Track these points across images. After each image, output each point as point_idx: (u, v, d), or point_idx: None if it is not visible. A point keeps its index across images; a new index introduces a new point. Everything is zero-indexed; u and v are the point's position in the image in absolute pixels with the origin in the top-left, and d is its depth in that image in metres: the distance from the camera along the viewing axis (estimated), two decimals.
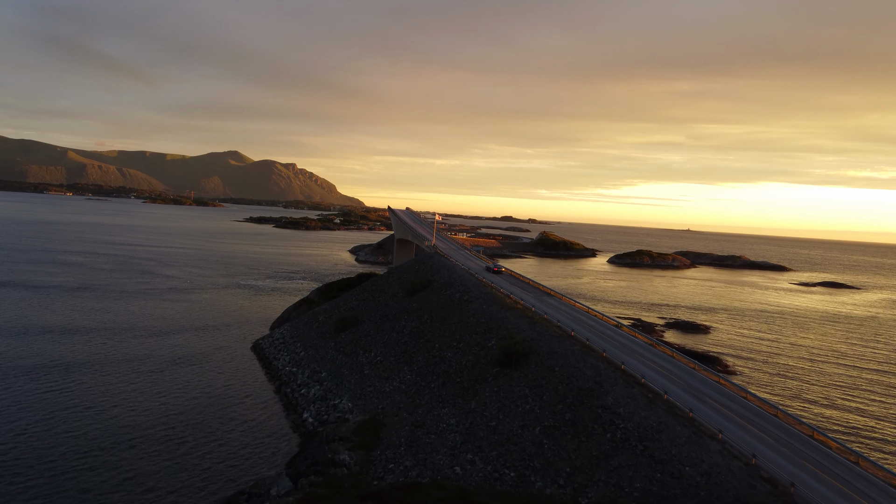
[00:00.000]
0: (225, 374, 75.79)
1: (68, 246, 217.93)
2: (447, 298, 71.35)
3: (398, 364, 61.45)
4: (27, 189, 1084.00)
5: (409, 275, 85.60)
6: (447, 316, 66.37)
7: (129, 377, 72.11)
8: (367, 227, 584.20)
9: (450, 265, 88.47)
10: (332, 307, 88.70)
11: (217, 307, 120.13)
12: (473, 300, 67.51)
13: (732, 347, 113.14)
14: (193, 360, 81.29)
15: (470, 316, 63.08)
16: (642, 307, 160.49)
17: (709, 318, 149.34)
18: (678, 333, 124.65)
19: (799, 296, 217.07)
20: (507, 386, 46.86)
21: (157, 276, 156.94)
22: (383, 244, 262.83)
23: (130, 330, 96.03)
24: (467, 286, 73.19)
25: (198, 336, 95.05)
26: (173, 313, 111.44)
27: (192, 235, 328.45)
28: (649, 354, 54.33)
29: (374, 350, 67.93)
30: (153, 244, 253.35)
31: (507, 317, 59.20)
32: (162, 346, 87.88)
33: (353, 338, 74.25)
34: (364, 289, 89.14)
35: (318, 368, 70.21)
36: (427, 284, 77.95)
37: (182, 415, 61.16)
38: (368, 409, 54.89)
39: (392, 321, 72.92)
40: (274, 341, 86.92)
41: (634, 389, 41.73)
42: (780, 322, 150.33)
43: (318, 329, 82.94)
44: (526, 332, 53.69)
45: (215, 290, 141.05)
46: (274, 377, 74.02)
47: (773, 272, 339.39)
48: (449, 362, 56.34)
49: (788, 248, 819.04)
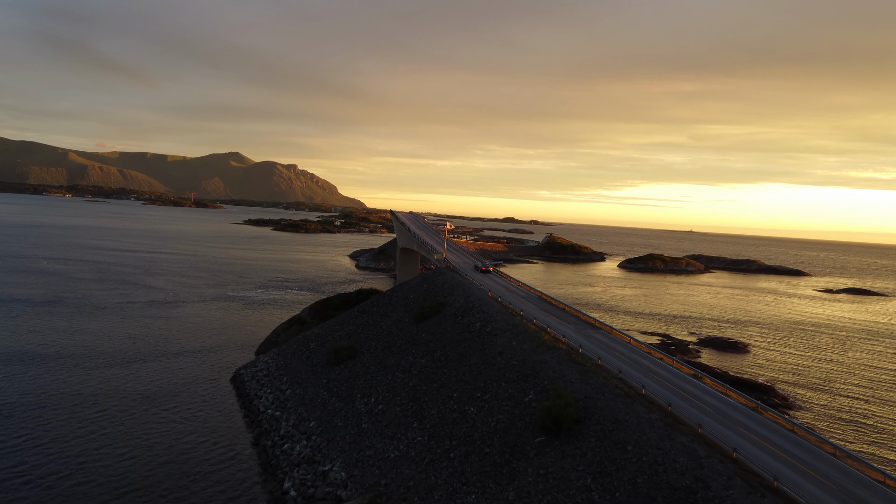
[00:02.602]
0: (197, 417, 62.84)
1: (50, 252, 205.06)
2: (464, 328, 58.08)
3: (405, 417, 48.35)
4: (27, 190, 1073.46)
5: (416, 295, 72.43)
6: (466, 353, 53.12)
7: (75, 423, 59.16)
8: (368, 229, 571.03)
9: (466, 285, 74.76)
10: (326, 332, 75.62)
11: (199, 325, 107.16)
12: (499, 332, 54.09)
13: (779, 371, 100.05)
14: (162, 397, 68.35)
15: (496, 355, 49.81)
16: (666, 320, 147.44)
17: (740, 332, 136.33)
18: (714, 353, 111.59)
19: (827, 305, 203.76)
20: (558, 468, 33.83)
21: (138, 288, 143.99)
22: (385, 249, 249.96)
23: (95, 357, 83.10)
24: (489, 313, 59.85)
25: (172, 364, 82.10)
26: (149, 334, 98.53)
27: (185, 239, 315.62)
28: (761, 429, 38.19)
29: (374, 394, 54.78)
30: (143, 249, 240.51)
31: (547, 360, 45.75)
32: (128, 378, 74.97)
33: (349, 374, 61.14)
34: (363, 310, 75.97)
35: (305, 415, 57.15)
36: (438, 309, 64.77)
37: (134, 476, 48.20)
38: (367, 483, 41.90)
39: (396, 355, 59.73)
40: (257, 372, 73.96)
41: (766, 500, 28.37)
42: (819, 337, 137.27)
43: (308, 359, 69.88)
44: (576, 386, 40.50)
45: (200, 304, 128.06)
46: (253, 422, 61.02)
47: (790, 277, 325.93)
48: (472, 421, 43.25)
49: (795, 249, 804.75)
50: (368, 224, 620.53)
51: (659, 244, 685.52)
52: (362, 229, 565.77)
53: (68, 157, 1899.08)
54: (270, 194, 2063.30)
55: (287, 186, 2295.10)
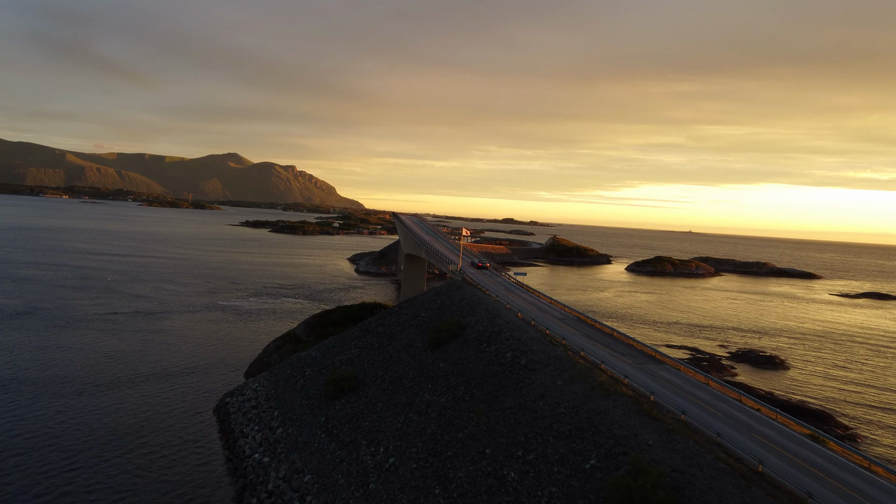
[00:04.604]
0: (170, 462, 52.80)
1: (34, 256, 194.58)
2: (492, 359, 47.93)
3: (424, 479, 38.34)
4: (23, 192, 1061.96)
5: (428, 313, 62.26)
6: (497, 392, 43.02)
7: (28, 470, 49.02)
8: (367, 231, 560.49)
9: (488, 302, 63.20)
10: (324, 354, 65.55)
11: (184, 341, 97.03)
12: (538, 367, 43.81)
13: (827, 390, 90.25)
14: (132, 435, 58.30)
15: (537, 398, 39.66)
16: (688, 330, 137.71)
17: (770, 344, 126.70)
18: (751, 370, 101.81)
19: (851, 311, 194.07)
20: None
21: (123, 296, 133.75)
22: (386, 253, 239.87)
23: (63, 381, 73.05)
24: (522, 340, 49.18)
25: (150, 389, 72.04)
26: (128, 351, 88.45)
27: (179, 242, 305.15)
28: None
29: (383, 442, 44.71)
30: (133, 253, 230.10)
31: (608, 409, 35.57)
32: (98, 408, 65.00)
33: (351, 412, 51.06)
34: (367, 329, 65.83)
35: (299, 464, 47.08)
36: (458, 332, 54.59)
37: None
38: None
39: (409, 390, 49.62)
40: (244, 402, 63.93)
41: None
42: (855, 348, 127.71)
43: (303, 389, 59.82)
44: (657, 452, 30.13)
45: (188, 315, 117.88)
46: (237, 469, 50.97)
47: (803, 280, 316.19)
48: (514, 491, 33.25)
49: (799, 251, 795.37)
50: (367, 225, 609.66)
51: (661, 245, 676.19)
52: (361, 231, 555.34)
53: (66, 159, 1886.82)
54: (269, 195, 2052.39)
55: (285, 187, 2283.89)
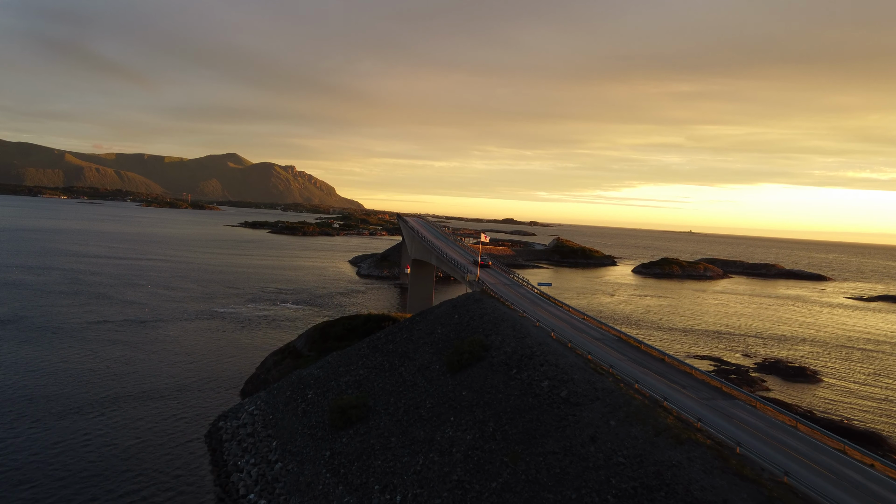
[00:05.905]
0: (154, 503, 46.15)
1: (23, 259, 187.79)
2: (525, 388, 41.14)
3: None
4: (22, 192, 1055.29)
5: (445, 329, 55.57)
6: (535, 431, 36.34)
7: None
8: (367, 231, 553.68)
9: (514, 318, 54.99)
10: (328, 373, 58.96)
11: (176, 354, 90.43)
12: (583, 402, 36.81)
13: (870, 406, 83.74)
14: (112, 470, 51.73)
15: (587, 442, 32.91)
16: (706, 337, 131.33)
17: (794, 352, 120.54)
18: (782, 383, 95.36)
19: (869, 316, 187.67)
20: None
21: (114, 303, 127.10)
22: (388, 255, 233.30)
23: (41, 402, 66.59)
24: (560, 367, 41.82)
25: (136, 412, 65.50)
26: (115, 366, 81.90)
27: (176, 244, 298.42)
28: None
29: (400, 488, 38.13)
30: (128, 255, 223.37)
31: (681, 462, 28.63)
32: (77, 435, 58.51)
33: (360, 446, 44.48)
34: (375, 346, 59.20)
35: None
36: (481, 354, 47.81)
37: None
38: None
39: (427, 423, 43.00)
40: (240, 427, 57.35)
41: None
42: (883, 359, 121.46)
43: (304, 416, 53.23)
44: None
45: (182, 324, 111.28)
46: None
47: (814, 282, 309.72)
48: None
49: (803, 251, 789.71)
50: (368, 226, 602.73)
51: (663, 246, 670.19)
52: (361, 231, 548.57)
53: (65, 159, 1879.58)
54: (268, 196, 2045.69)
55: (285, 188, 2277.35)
